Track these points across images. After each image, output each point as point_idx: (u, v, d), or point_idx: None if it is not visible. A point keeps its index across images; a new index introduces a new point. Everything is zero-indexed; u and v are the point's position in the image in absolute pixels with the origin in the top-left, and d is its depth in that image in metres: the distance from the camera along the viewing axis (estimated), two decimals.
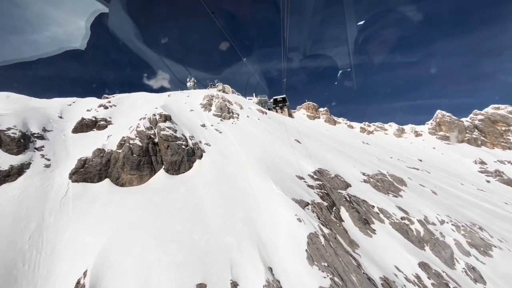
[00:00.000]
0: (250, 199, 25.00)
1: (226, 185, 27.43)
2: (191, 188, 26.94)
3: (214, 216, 22.12)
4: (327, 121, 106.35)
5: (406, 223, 29.81)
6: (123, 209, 22.39)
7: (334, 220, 26.19)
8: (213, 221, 21.28)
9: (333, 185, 33.91)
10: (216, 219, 21.84)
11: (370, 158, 56.78)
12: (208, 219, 21.47)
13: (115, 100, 50.95)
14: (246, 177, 29.48)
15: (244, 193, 25.94)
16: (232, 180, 28.79)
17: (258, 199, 25.07)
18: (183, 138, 33.73)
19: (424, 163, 73.82)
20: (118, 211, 22.13)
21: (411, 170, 57.86)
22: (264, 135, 47.57)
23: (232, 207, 23.59)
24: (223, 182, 28.14)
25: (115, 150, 28.19)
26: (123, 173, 26.71)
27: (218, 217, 22.23)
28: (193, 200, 24.54)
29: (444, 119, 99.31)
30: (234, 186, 27.57)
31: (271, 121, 64.54)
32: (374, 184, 38.06)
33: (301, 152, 42.33)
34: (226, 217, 22.18)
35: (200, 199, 24.76)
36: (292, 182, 30.40)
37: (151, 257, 16.80)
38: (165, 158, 30.08)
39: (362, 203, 31.68)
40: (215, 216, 22.16)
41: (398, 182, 42.16)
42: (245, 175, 29.77)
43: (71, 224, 19.45)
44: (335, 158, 45.21)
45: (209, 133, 41.86)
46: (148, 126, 33.68)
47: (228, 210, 23.11)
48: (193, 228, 20.25)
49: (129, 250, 16.71)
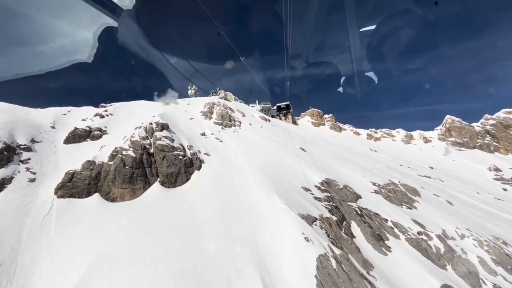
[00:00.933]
0: (252, 215, 22.88)
1: (225, 199, 25.37)
2: (187, 202, 24.91)
3: (211, 236, 20.01)
4: (333, 128, 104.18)
5: (423, 239, 27.36)
6: (111, 229, 20.37)
7: (345, 237, 23.89)
8: (210, 242, 19.17)
9: (342, 197, 31.64)
10: (214, 239, 19.73)
11: (379, 167, 54.39)
12: (204, 240, 19.36)
13: (112, 109, 49.54)
14: (247, 189, 27.41)
15: (246, 208, 23.84)
16: (232, 193, 26.74)
17: (261, 214, 22.94)
18: (180, 148, 31.86)
19: (435, 170, 71.03)
20: (104, 232, 20.10)
21: (423, 179, 55.26)
22: (267, 144, 45.60)
23: (231, 224, 21.47)
24: (222, 195, 26.08)
25: (106, 162, 26.36)
26: (114, 187, 24.80)
27: (216, 236, 20.11)
28: (189, 217, 22.48)
29: (454, 125, 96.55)
30: (235, 200, 25.50)
31: (274, 128, 62.64)
32: (386, 195, 35.68)
33: (307, 161, 40.20)
34: (224, 236, 20.05)
35: (197, 216, 22.69)
36: (298, 195, 28.23)
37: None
38: (161, 169, 28.17)
39: (374, 217, 29.34)
40: (213, 235, 20.05)
41: (411, 192, 39.71)
42: (246, 187, 27.70)
43: (50, 247, 17.46)
44: (343, 167, 42.96)
45: (209, 142, 40.00)
46: (143, 135, 31.92)
47: (227, 228, 20.99)
48: (188, 251, 18.15)
49: (110, 281, 14.65)
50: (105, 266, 15.78)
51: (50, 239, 18.34)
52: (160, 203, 24.46)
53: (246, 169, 32.34)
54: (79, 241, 18.29)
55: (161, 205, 24.14)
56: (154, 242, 19.34)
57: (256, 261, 17.54)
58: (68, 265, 15.88)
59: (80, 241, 18.27)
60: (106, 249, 17.49)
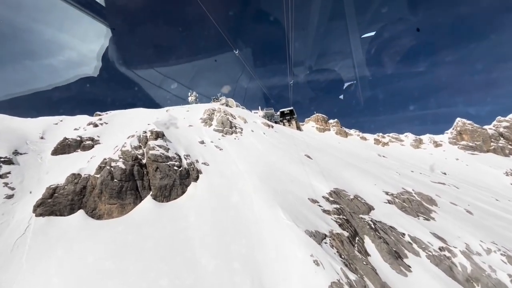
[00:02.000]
0: (252, 233, 20.47)
1: (224, 214, 23.01)
2: (182, 218, 22.59)
3: (207, 259, 17.61)
4: (338, 133, 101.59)
5: (447, 256, 24.65)
6: (94, 252, 18.10)
7: (359, 256, 21.32)
8: (205, 267, 16.75)
9: (353, 209, 29.08)
10: (209, 262, 17.32)
11: (389, 173, 51.67)
12: (198, 265, 16.95)
13: (107, 117, 47.76)
14: (248, 202, 25.04)
15: (246, 225, 21.44)
16: (232, 207, 24.38)
17: (263, 232, 20.51)
18: (176, 158, 29.67)
19: (449, 176, 67.94)
20: (87, 255, 17.83)
21: (437, 186, 52.34)
22: (271, 151, 43.28)
23: (230, 244, 19.07)
24: (221, 210, 23.73)
25: (93, 175, 24.23)
26: (100, 203, 22.61)
27: (212, 259, 17.71)
28: (183, 236, 20.14)
29: (465, 128, 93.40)
30: (234, 215, 23.12)
31: (278, 135, 60.35)
32: (401, 206, 33.01)
33: (313, 169, 37.75)
34: (222, 259, 17.64)
35: (191, 235, 20.34)
36: (304, 208, 25.77)
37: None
38: (153, 182, 25.95)
39: (390, 231, 26.72)
40: (208, 258, 17.65)
41: (427, 202, 36.95)
42: (247, 200, 25.34)
43: (20, 277, 15.22)
44: (352, 175, 40.39)
45: (208, 151, 37.79)
46: (136, 145, 29.85)
47: (225, 249, 18.58)
48: (180, 279, 15.76)
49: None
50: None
51: (21, 266, 16.09)
52: (152, 219, 22.18)
53: (247, 179, 30.01)
54: (56, 269, 16.01)
55: (152, 222, 21.85)
56: (143, 268, 17.01)
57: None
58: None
59: (58, 269, 15.98)
60: (89, 277, 15.18)
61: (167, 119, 47.99)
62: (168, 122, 45.82)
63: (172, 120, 48.01)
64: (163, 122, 42.91)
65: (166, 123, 43.69)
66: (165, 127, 40.22)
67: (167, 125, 43.07)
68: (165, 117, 50.34)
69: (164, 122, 44.03)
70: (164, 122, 44.03)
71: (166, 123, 43.69)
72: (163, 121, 45.08)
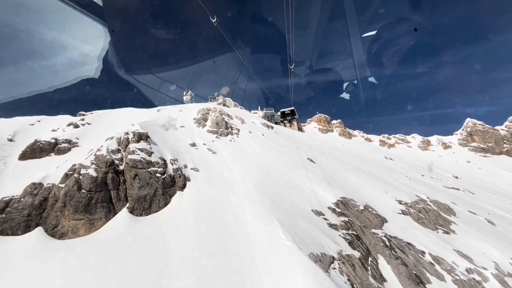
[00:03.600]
0: (244, 259, 16.94)
1: (212, 233, 19.50)
2: (160, 236, 19.09)
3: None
4: (342, 135, 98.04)
5: (476, 280, 21.09)
6: (47, 282, 14.62)
7: (374, 285, 17.77)
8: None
9: (363, 222, 25.54)
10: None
11: (399, 178, 48.09)
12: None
13: (91, 117, 44.34)
14: (241, 217, 21.54)
15: (237, 246, 17.93)
16: (222, 223, 20.87)
17: (257, 257, 16.98)
18: (159, 163, 26.17)
19: (461, 180, 64.35)
20: (36, 285, 14.36)
21: (451, 191, 48.76)
22: (270, 154, 39.76)
23: (217, 275, 15.53)
24: (208, 226, 20.22)
25: (57, 185, 20.75)
26: (63, 218, 19.11)
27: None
28: (159, 261, 16.62)
29: (476, 128, 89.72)
30: (224, 232, 19.61)
31: (278, 136, 56.83)
32: (417, 217, 29.45)
33: (317, 175, 34.21)
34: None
35: (170, 259, 16.83)
36: (307, 222, 22.25)
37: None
38: (131, 192, 22.44)
39: (407, 248, 23.16)
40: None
41: (445, 211, 33.39)
42: (240, 215, 21.84)
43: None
44: (360, 180, 36.85)
45: (200, 154, 34.29)
46: (114, 148, 26.39)
47: (209, 284, 15.04)
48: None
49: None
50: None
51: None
52: (124, 238, 18.67)
53: (241, 188, 26.53)
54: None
55: (124, 241, 18.35)
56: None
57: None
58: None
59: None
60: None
61: (157, 119, 44.57)
62: (157, 122, 42.42)
63: (161, 120, 44.58)
64: (152, 123, 39.48)
65: (155, 124, 40.29)
66: (153, 128, 36.81)
67: (155, 125, 39.69)
68: (157, 117, 46.92)
69: (154, 122, 40.63)
70: (154, 122, 40.63)
71: (155, 124, 40.29)
72: (152, 121, 41.66)
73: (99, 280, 14.95)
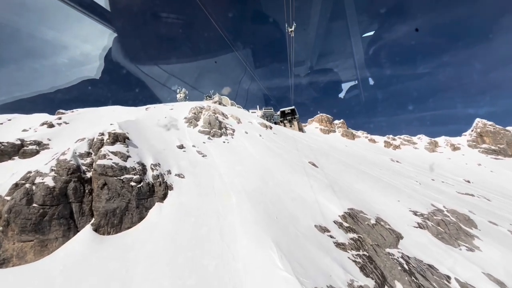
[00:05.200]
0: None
1: (192, 258, 15.92)
2: (129, 262, 15.52)
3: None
4: (344, 135, 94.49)
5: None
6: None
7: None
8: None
9: (376, 240, 21.97)
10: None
11: (409, 183, 44.57)
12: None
13: (70, 116, 40.76)
14: (230, 237, 17.98)
15: (222, 280, 14.35)
16: (205, 245, 17.29)
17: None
18: (136, 169, 22.58)
19: (474, 185, 60.87)
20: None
21: (465, 198, 45.24)
22: (267, 158, 36.19)
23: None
24: (189, 249, 16.65)
25: (3, 197, 17.21)
26: (6, 240, 15.55)
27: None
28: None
29: (486, 129, 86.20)
30: (207, 258, 16.04)
31: (277, 137, 53.25)
32: (436, 231, 25.91)
33: (320, 181, 30.64)
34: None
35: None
36: (310, 242, 18.69)
37: None
38: (97, 205, 18.87)
39: (429, 273, 19.61)
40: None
41: (465, 223, 29.85)
42: (229, 235, 18.27)
43: None
44: (368, 187, 33.29)
45: (188, 158, 30.73)
46: (84, 151, 22.84)
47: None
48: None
49: None
50: None
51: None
52: (82, 264, 15.10)
53: (232, 198, 22.98)
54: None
55: (81, 269, 14.77)
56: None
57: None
58: None
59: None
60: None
61: (144, 119, 41.04)
62: (144, 122, 38.89)
63: (149, 120, 41.03)
64: (135, 122, 35.92)
65: (141, 123, 36.77)
66: (135, 128, 33.28)
67: (141, 125, 36.16)
68: (143, 116, 43.35)
69: (139, 122, 37.09)
70: (139, 122, 37.09)
71: (141, 123, 36.77)
72: (139, 120, 38.13)
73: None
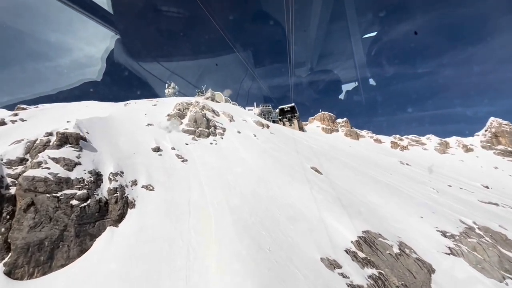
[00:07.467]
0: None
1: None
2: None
3: None
4: (348, 135, 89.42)
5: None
6: None
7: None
8: None
9: (402, 277, 16.78)
10: None
11: (424, 191, 39.45)
12: None
13: (33, 112, 35.46)
14: (201, 284, 12.74)
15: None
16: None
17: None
18: (84, 182, 17.34)
19: (493, 191, 55.82)
20: None
21: (489, 208, 40.14)
22: (261, 163, 30.94)
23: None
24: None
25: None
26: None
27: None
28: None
29: (502, 129, 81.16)
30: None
31: (274, 137, 47.97)
32: (474, 259, 20.74)
33: (325, 192, 25.44)
34: None
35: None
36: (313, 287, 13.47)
37: None
38: (15, 235, 13.66)
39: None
40: None
41: (503, 245, 24.68)
42: (199, 278, 13.04)
43: None
44: (383, 199, 28.09)
45: (163, 164, 25.50)
46: (16, 157, 17.68)
47: None
48: None
49: None
50: None
51: None
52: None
53: (212, 219, 17.76)
54: None
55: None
56: None
57: None
58: None
59: None
60: None
61: (118, 116, 35.76)
62: (118, 119, 33.67)
63: (125, 116, 35.78)
64: (105, 119, 30.69)
65: (112, 121, 31.57)
66: (102, 126, 28.09)
67: (113, 123, 30.97)
68: (118, 113, 38.05)
69: (111, 120, 31.88)
70: (111, 120, 31.88)
71: (112, 121, 31.57)
72: (112, 117, 32.90)
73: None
